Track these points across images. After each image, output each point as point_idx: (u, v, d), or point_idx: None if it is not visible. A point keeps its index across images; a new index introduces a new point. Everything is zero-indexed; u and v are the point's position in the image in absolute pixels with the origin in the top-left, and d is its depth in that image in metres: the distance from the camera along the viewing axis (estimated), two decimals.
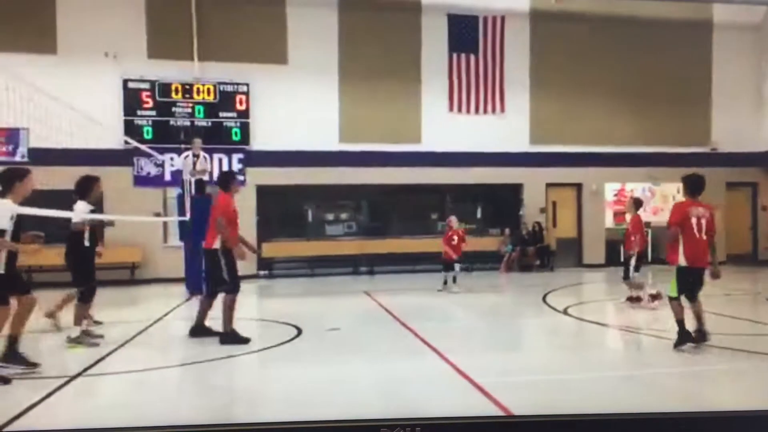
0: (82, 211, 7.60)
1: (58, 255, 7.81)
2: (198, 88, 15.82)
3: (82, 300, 7.70)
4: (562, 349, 7.69)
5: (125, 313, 10.34)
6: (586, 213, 18.56)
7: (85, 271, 7.72)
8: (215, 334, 7.76)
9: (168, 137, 15.40)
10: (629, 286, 10.34)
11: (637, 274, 10.12)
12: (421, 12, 17.46)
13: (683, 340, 6.69)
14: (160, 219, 14.88)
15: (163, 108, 15.64)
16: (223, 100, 15.98)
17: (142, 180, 15.43)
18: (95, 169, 12.41)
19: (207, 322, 8.03)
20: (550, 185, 18.28)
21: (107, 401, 5.54)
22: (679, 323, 6.74)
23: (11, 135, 14.20)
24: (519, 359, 7.16)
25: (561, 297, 11.70)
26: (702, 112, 18.86)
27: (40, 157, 13.20)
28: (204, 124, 15.83)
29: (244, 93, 16.10)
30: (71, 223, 7.58)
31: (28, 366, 6.10)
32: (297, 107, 16.35)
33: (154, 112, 15.58)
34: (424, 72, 17.44)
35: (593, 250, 18.46)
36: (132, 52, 15.36)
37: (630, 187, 18.82)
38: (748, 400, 5.16)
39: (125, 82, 15.42)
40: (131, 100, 15.47)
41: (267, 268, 16.42)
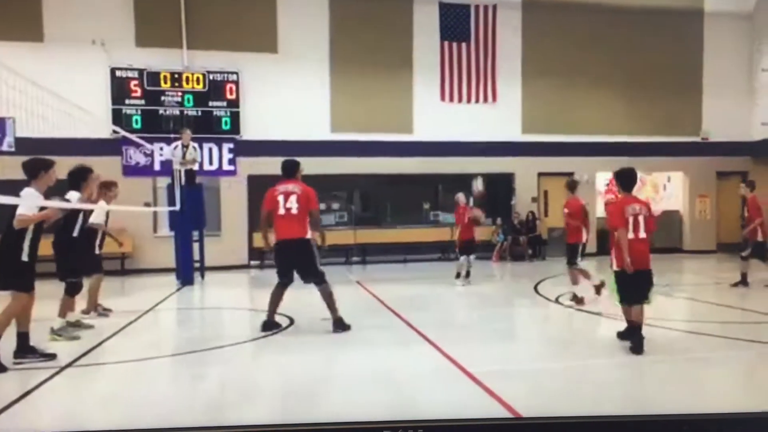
0: (74, 202, 7.52)
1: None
2: (187, 77, 15.64)
3: (69, 293, 7.66)
4: (553, 338, 7.73)
5: (116, 304, 10.23)
6: None
7: (73, 264, 7.68)
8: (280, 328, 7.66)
9: (157, 126, 15.25)
10: (579, 274, 9.71)
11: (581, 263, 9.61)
12: (413, 0, 17.35)
13: (638, 346, 6.17)
14: (150, 209, 14.76)
15: (152, 97, 15.45)
16: (213, 89, 15.82)
17: (132, 170, 15.27)
18: (83, 159, 12.37)
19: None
20: (541, 174, 18.28)
21: (97, 392, 5.50)
22: (630, 323, 6.39)
23: None
24: (511, 348, 7.18)
25: (553, 286, 11.73)
26: (693, 101, 18.89)
27: (27, 147, 13.02)
28: (193, 113, 15.68)
29: (233, 82, 15.95)
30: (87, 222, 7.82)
31: (44, 357, 6.22)
32: (287, 96, 16.23)
33: (142, 101, 15.40)
34: (415, 61, 17.35)
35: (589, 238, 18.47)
36: (120, 40, 15.15)
37: None
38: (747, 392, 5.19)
39: (113, 70, 15.22)
40: (119, 89, 15.28)
41: (258, 258, 16.34)
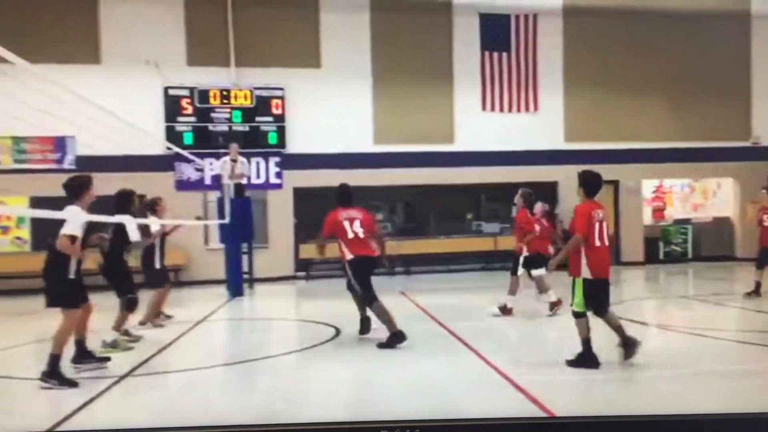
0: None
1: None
2: (235, 94, 16.19)
3: (128, 308, 7.92)
4: (601, 348, 7.63)
5: (171, 314, 10.66)
6: (624, 210, 18.34)
7: (127, 283, 7.95)
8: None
9: (207, 142, 15.81)
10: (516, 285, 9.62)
11: (543, 273, 9.54)
12: (453, 12, 17.51)
13: (585, 363, 6.06)
14: (201, 222, 15.26)
15: (202, 114, 16.06)
16: (260, 105, 16.31)
17: (184, 185, 15.86)
18: (139, 175, 12.99)
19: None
20: None
21: (153, 401, 5.74)
22: (585, 343, 6.17)
23: (59, 143, 14.79)
24: (560, 358, 7.08)
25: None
26: (742, 104, 18.46)
27: (87, 164, 13.71)
28: (241, 128, 16.19)
29: (279, 97, 16.40)
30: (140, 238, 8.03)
31: (99, 361, 6.66)
32: (331, 110, 16.58)
33: (193, 118, 16.01)
34: (456, 72, 17.49)
35: (631, 247, 18.24)
36: (172, 60, 15.80)
37: (668, 183, 18.57)
38: None
39: (166, 89, 15.88)
40: (172, 107, 15.92)
41: (305, 269, 16.68)
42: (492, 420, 4.61)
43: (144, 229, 8.52)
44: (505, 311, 9.41)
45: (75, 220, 6.10)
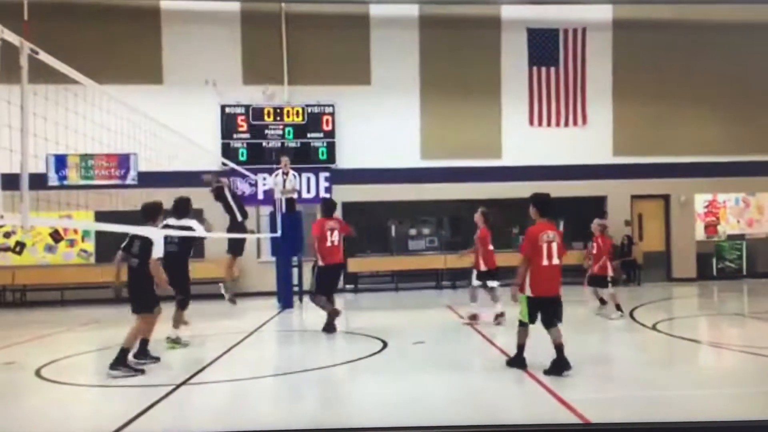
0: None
1: None
2: (288, 111, 16.73)
3: (181, 307, 8.87)
4: (652, 365, 7.57)
5: (224, 325, 11.08)
6: (675, 225, 18.03)
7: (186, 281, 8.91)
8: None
9: (260, 158, 16.37)
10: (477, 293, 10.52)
11: (496, 284, 10.34)
12: (501, 27, 17.65)
13: (515, 364, 6.78)
14: (254, 236, 15.74)
15: (256, 131, 16.65)
16: (311, 122, 16.81)
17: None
18: (195, 190, 13.50)
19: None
20: (635, 197, 17.91)
21: (205, 409, 5.99)
22: (519, 347, 6.83)
23: (123, 160, 15.57)
24: (608, 375, 7.08)
25: (649, 312, 11.49)
26: None
27: (148, 179, 14.39)
28: (293, 144, 16.69)
29: (330, 114, 16.86)
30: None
31: (153, 359, 7.74)
32: (379, 125, 16.94)
33: (248, 135, 16.62)
34: (503, 87, 17.60)
35: (683, 263, 17.89)
36: (229, 79, 16.48)
37: (722, 197, 18.15)
38: None
39: (223, 107, 16.56)
40: (228, 124, 16.60)
41: (353, 282, 16.99)
42: (534, 426, 4.74)
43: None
44: (471, 318, 10.43)
45: (159, 242, 7.32)
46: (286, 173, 13.30)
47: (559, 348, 6.55)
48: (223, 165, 15.03)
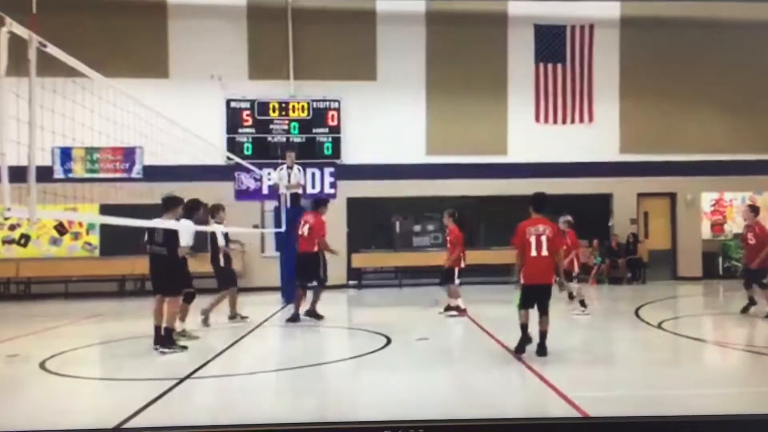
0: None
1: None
2: (293, 106, 16.72)
3: (187, 301, 9.17)
4: (657, 364, 7.54)
5: (227, 320, 11.09)
6: (681, 224, 17.97)
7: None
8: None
9: (265, 153, 16.38)
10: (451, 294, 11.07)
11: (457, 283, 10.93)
12: (507, 23, 17.59)
13: (521, 343, 7.30)
14: (258, 230, 15.77)
15: (262, 125, 16.64)
16: (316, 117, 16.79)
17: (242, 194, 16.47)
18: (201, 185, 13.54)
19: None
20: (641, 195, 17.86)
21: (209, 403, 6.04)
22: (521, 327, 7.34)
23: (128, 153, 15.59)
24: (612, 374, 7.06)
25: (655, 311, 11.46)
26: None
27: (153, 173, 14.40)
28: (298, 140, 16.68)
29: (335, 109, 16.84)
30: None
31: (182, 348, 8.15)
32: (385, 121, 16.92)
33: (253, 130, 16.62)
34: (510, 83, 17.55)
35: (689, 262, 17.83)
36: (234, 73, 16.47)
37: (729, 196, 18.07)
38: None
39: (228, 101, 16.56)
40: (233, 119, 16.59)
41: (356, 278, 16.99)
42: (530, 420, 4.74)
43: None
44: (459, 311, 10.91)
45: (187, 231, 8.16)
46: (291, 167, 13.30)
47: (544, 334, 7.24)
48: (228, 159, 15.09)
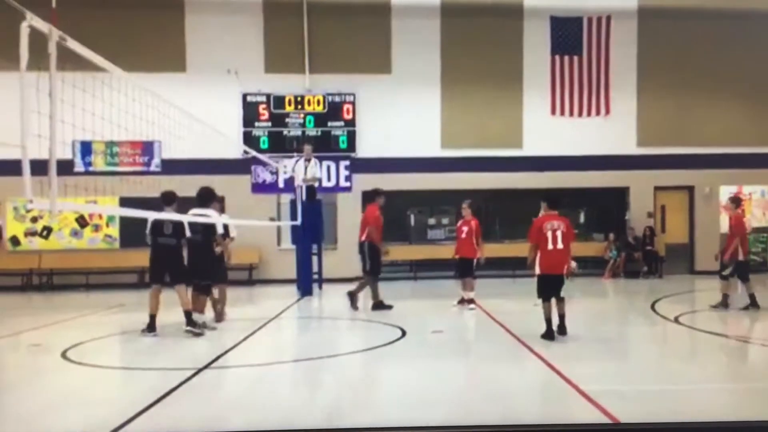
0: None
1: None
2: (309, 100, 16.79)
3: (206, 293, 9.41)
4: (673, 358, 7.52)
5: (245, 311, 11.23)
6: (699, 217, 17.81)
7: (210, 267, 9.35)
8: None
9: (281, 147, 16.48)
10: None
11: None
12: (523, 15, 17.48)
13: (546, 336, 7.93)
14: (274, 223, 15.89)
15: (277, 119, 16.74)
16: (332, 110, 16.85)
17: (259, 187, 16.60)
18: (218, 178, 13.67)
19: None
20: (658, 188, 17.71)
21: (227, 393, 6.10)
22: (546, 321, 8.00)
23: (147, 147, 15.77)
24: (627, 368, 7.05)
25: (671, 305, 11.39)
26: None
27: (171, 167, 14.56)
28: (314, 133, 16.75)
29: (350, 103, 16.88)
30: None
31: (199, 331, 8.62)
32: (400, 114, 16.93)
33: (269, 123, 16.73)
34: (525, 76, 17.45)
35: (706, 256, 17.60)
36: (251, 68, 16.56)
37: (747, 189, 17.86)
38: None
39: (244, 96, 16.67)
40: (249, 113, 16.70)
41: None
42: (558, 426, 4.72)
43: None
44: (468, 302, 11.07)
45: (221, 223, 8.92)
46: (308, 160, 13.37)
47: (563, 316, 8.04)
48: (245, 153, 15.20)
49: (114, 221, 16.31)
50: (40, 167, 3.99)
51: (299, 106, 16.79)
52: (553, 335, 7.92)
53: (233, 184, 15.53)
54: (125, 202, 13.97)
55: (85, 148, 15.71)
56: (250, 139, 16.31)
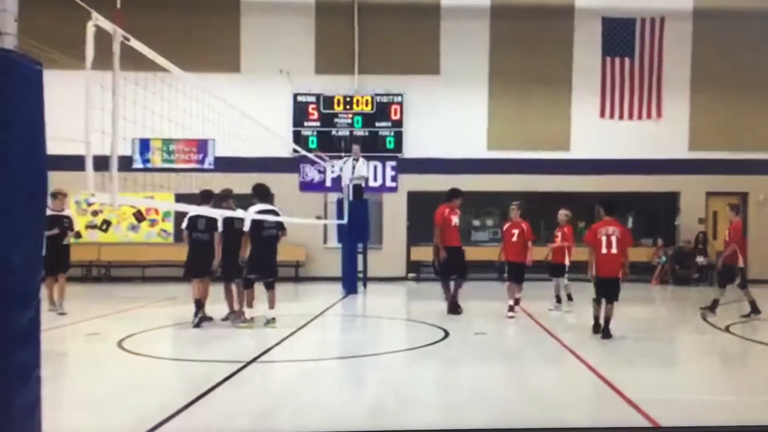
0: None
1: None
2: (357, 100, 17.03)
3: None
4: (723, 368, 7.39)
5: (291, 307, 11.42)
6: (753, 224, 17.23)
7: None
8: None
9: (329, 146, 16.75)
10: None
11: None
12: (574, 17, 17.30)
13: (595, 331, 8.50)
14: (321, 221, 16.15)
15: (326, 119, 17.03)
16: (379, 111, 17.05)
17: (307, 185, 16.94)
18: (267, 176, 13.97)
19: None
20: (710, 194, 17.24)
21: (273, 387, 6.23)
22: (594, 319, 8.61)
23: (202, 145, 16.28)
24: (674, 376, 6.92)
25: (722, 313, 11.08)
26: None
27: (223, 164, 14.97)
28: (361, 133, 16.97)
29: (398, 103, 17.04)
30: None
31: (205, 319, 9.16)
32: (446, 115, 16.99)
33: (318, 123, 17.03)
34: (575, 78, 17.30)
35: (760, 264, 17.07)
36: (302, 68, 16.93)
37: None
38: None
39: (295, 96, 17.03)
40: (300, 113, 17.06)
41: (415, 271, 17.15)
42: (598, 430, 4.68)
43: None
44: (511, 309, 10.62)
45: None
46: (356, 159, 13.57)
47: (607, 320, 8.33)
48: (294, 152, 15.52)
49: (169, 216, 16.88)
50: (101, 163, 4.16)
51: (348, 107, 17.06)
52: (599, 329, 8.40)
53: (283, 181, 15.84)
54: (180, 198, 14.43)
55: (144, 146, 16.33)
56: (299, 139, 16.67)
